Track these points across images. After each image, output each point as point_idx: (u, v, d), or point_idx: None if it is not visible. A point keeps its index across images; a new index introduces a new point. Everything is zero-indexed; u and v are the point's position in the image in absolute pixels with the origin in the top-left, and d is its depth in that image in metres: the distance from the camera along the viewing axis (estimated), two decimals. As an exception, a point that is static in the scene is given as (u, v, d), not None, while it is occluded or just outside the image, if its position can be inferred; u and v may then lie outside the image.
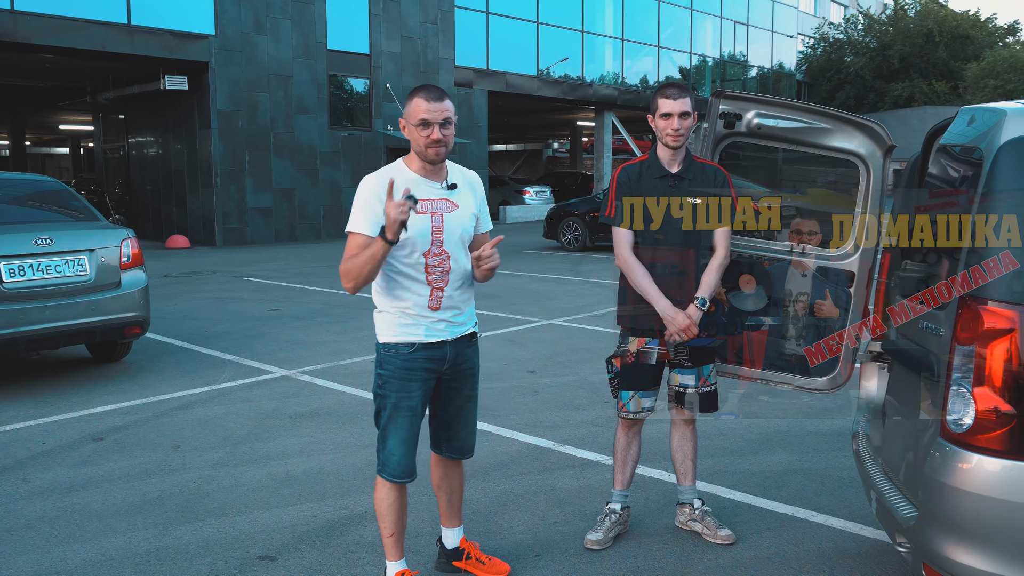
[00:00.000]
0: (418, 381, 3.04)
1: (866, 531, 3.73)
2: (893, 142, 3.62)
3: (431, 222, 2.96)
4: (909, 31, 39.68)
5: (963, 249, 2.40)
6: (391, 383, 3.03)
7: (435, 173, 3.02)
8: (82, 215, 6.91)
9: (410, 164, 3.02)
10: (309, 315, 9.54)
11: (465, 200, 3.08)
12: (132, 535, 3.78)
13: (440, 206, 3.00)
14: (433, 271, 2.99)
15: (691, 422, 3.73)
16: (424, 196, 2.95)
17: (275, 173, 19.70)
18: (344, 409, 5.74)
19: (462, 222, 3.04)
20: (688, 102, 3.42)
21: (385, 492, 3.11)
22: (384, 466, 3.08)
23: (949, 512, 2.35)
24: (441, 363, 3.08)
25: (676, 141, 3.44)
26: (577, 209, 16.91)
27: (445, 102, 2.92)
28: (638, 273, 3.47)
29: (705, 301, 3.45)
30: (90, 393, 6.22)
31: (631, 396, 3.60)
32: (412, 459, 3.09)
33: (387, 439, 3.06)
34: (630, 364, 3.58)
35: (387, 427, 3.06)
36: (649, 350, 3.55)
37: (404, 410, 3.04)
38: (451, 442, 3.27)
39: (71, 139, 39.29)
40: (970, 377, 2.30)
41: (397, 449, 3.05)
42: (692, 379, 3.60)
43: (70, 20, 16.30)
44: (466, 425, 3.27)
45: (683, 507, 3.77)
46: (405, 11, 21.85)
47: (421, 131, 2.89)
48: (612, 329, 8.48)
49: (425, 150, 2.92)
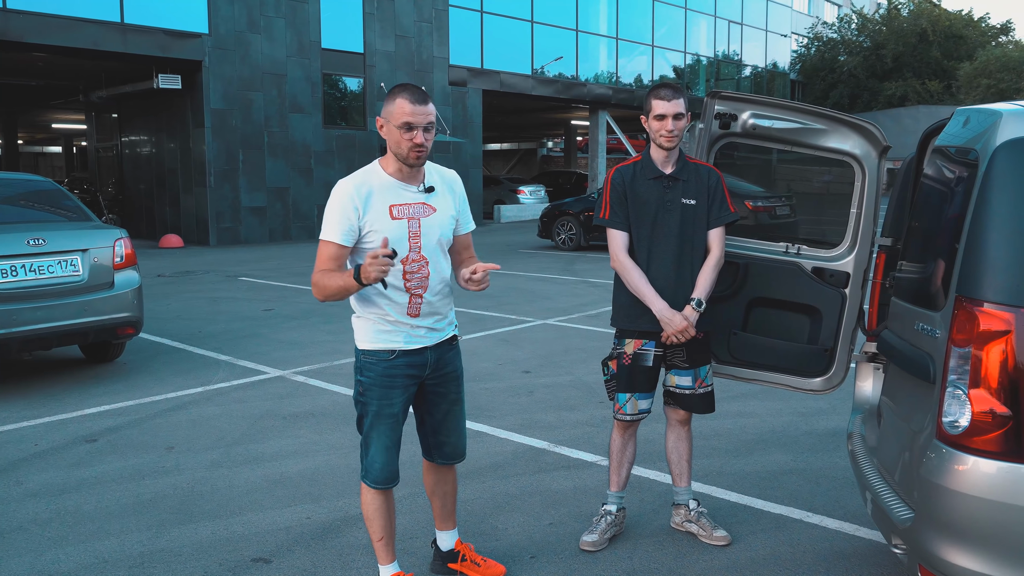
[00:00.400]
0: (399, 388, 3.00)
1: (861, 532, 3.73)
2: (888, 143, 3.62)
3: (407, 227, 2.90)
4: (902, 30, 39.82)
5: (959, 250, 2.40)
6: (372, 390, 2.98)
7: (412, 176, 2.94)
8: (75, 215, 6.88)
9: (386, 166, 2.94)
10: (303, 315, 9.52)
11: (443, 203, 3.01)
12: (125, 537, 3.77)
13: (416, 211, 2.92)
14: (412, 278, 2.93)
15: (687, 423, 3.72)
16: (400, 201, 2.90)
17: (269, 172, 19.65)
18: (338, 410, 5.73)
19: (440, 226, 2.98)
20: (682, 103, 3.40)
21: (370, 497, 3.08)
22: (367, 472, 3.05)
23: (945, 514, 2.34)
24: (423, 369, 3.04)
25: (670, 142, 3.42)
26: (572, 208, 16.91)
27: (429, 105, 2.85)
28: (633, 275, 3.46)
29: (701, 302, 3.43)
30: (83, 394, 6.19)
31: (628, 399, 3.58)
32: (395, 465, 3.06)
33: (369, 446, 3.03)
34: (626, 366, 3.56)
35: (369, 434, 3.02)
36: (645, 352, 3.53)
37: (385, 417, 3.00)
38: (442, 448, 3.23)
39: (64, 138, 39.17)
40: (966, 379, 2.30)
41: (379, 456, 3.02)
42: (689, 380, 3.58)
43: (63, 18, 16.23)
44: (455, 430, 3.23)
45: (678, 508, 3.77)
46: (399, 10, 21.81)
47: (404, 134, 2.81)
48: (607, 329, 8.50)
49: (407, 154, 2.84)
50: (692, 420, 3.75)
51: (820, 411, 5.51)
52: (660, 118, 3.40)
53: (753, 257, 3.83)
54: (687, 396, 3.61)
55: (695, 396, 3.61)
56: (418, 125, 2.81)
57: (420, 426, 3.23)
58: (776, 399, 5.70)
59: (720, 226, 3.51)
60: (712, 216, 3.50)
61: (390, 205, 2.89)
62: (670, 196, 3.47)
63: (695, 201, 3.47)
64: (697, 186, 3.49)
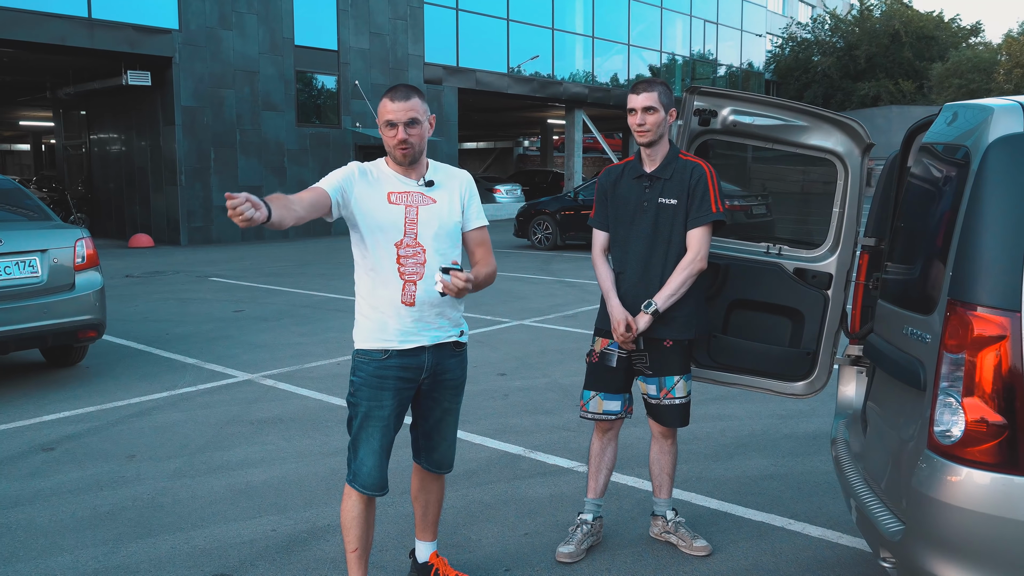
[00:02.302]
0: (390, 391, 2.90)
1: (844, 539, 3.64)
2: (871, 140, 3.52)
3: (404, 213, 2.88)
4: (875, 31, 40.18)
5: (951, 252, 2.29)
6: (362, 391, 2.90)
7: (410, 171, 2.94)
8: (35, 214, 6.65)
9: (389, 162, 2.96)
10: (274, 316, 9.32)
11: (444, 196, 2.96)
12: (79, 553, 3.58)
13: (415, 199, 2.91)
14: (405, 263, 2.86)
15: (669, 436, 3.56)
16: (399, 189, 2.91)
17: (241, 171, 19.35)
18: (308, 415, 5.56)
19: (439, 217, 2.92)
20: (653, 96, 3.27)
21: (353, 503, 2.95)
22: (355, 476, 2.93)
23: (937, 527, 2.24)
24: (418, 372, 2.94)
25: (642, 137, 3.32)
26: (548, 208, 16.80)
27: (412, 100, 2.81)
28: (600, 272, 3.47)
29: (651, 304, 3.29)
30: (42, 400, 5.97)
31: (592, 396, 3.49)
32: (384, 471, 2.95)
33: (358, 448, 2.93)
34: (593, 364, 3.50)
35: (358, 436, 2.92)
36: (610, 352, 3.44)
37: (375, 419, 2.90)
38: (430, 454, 3.13)
39: (32, 136, 38.44)
40: (959, 386, 2.20)
41: (368, 459, 2.91)
42: (654, 389, 3.44)
43: (27, 13, 15.84)
44: (445, 438, 3.12)
45: (656, 519, 3.65)
46: (374, 7, 21.59)
47: (387, 131, 2.83)
48: (583, 330, 8.40)
49: (394, 151, 2.85)
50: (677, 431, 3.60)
51: (800, 413, 5.42)
52: (631, 112, 3.32)
53: (733, 258, 3.72)
54: (654, 406, 3.48)
55: (661, 407, 3.46)
56: (399, 122, 2.80)
57: (413, 427, 3.14)
58: (755, 402, 5.61)
59: (698, 227, 3.32)
60: (691, 215, 3.33)
61: (388, 192, 2.90)
62: (648, 196, 3.37)
63: (675, 200, 3.33)
64: (679, 184, 3.34)
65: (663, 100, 3.30)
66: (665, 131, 3.36)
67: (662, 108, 3.30)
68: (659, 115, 3.29)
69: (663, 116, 3.31)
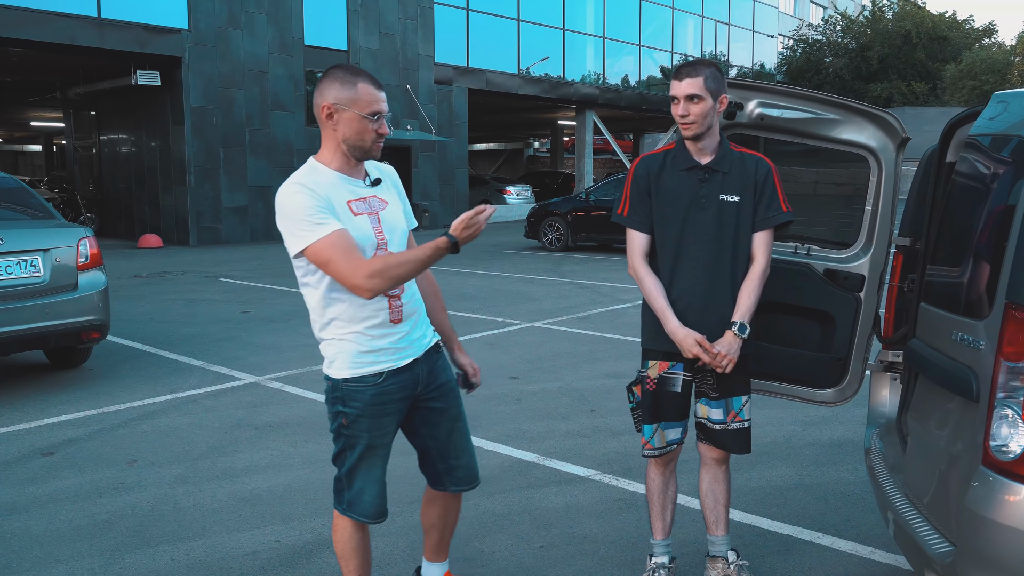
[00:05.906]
0: (392, 415, 2.64)
1: (877, 555, 3.45)
2: (907, 134, 3.33)
3: (370, 223, 2.53)
4: (887, 32, 39.82)
5: (1008, 251, 2.11)
6: (361, 422, 2.58)
7: (357, 170, 2.59)
8: (39, 213, 6.53)
9: (328, 162, 2.56)
10: (282, 317, 9.17)
11: (391, 196, 2.68)
12: (75, 564, 3.43)
13: (373, 204, 2.57)
14: None
15: (724, 462, 3.12)
16: (355, 196, 2.54)
17: (251, 171, 19.26)
18: (315, 419, 5.41)
19: (397, 218, 2.64)
20: (698, 83, 2.79)
21: (350, 533, 2.71)
22: (352, 505, 2.66)
23: (993, 550, 2.06)
24: (414, 387, 2.68)
25: (687, 130, 2.85)
26: (559, 208, 16.64)
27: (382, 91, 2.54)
28: (649, 285, 2.92)
29: (745, 327, 2.84)
30: (43, 403, 5.83)
31: (654, 431, 3.00)
32: (385, 498, 2.70)
33: (355, 479, 2.65)
34: (651, 392, 2.98)
35: (356, 468, 2.64)
36: (672, 376, 2.97)
37: (379, 448, 2.64)
38: (454, 473, 2.82)
39: (44, 136, 38.56)
40: (1018, 398, 2.02)
41: (370, 488, 2.65)
42: (720, 412, 3.00)
43: (37, 12, 15.79)
44: (465, 449, 2.83)
45: (715, 561, 3.15)
46: (384, 7, 21.48)
47: (371, 123, 2.48)
48: (595, 332, 8.22)
49: (371, 146, 2.51)
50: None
51: (823, 420, 5.24)
52: (674, 101, 2.86)
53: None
54: (718, 431, 3.03)
55: (727, 432, 3.01)
56: (384, 112, 2.51)
57: (424, 457, 2.83)
58: (776, 407, 5.41)
59: (769, 228, 2.91)
60: (759, 216, 2.89)
61: (347, 201, 2.51)
62: (706, 191, 2.89)
63: (738, 198, 2.88)
64: (742, 179, 2.89)
65: (710, 86, 2.81)
66: (714, 121, 2.88)
67: (709, 95, 2.81)
68: (706, 104, 2.81)
69: (711, 105, 2.83)
